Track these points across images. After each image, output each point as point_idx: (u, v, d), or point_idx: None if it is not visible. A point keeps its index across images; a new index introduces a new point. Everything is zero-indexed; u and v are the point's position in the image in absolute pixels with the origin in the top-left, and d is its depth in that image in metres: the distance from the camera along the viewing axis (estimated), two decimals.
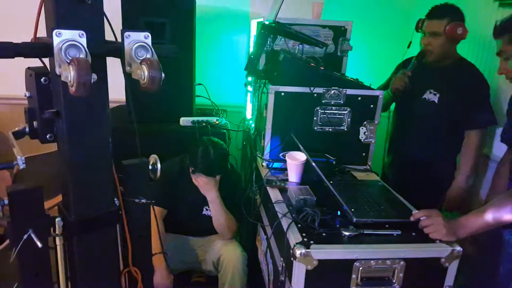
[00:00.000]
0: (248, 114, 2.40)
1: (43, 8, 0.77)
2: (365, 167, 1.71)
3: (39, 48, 0.68)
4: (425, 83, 1.89)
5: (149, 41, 0.78)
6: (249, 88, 2.15)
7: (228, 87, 2.74)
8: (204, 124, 2.09)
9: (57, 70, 0.68)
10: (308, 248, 1.05)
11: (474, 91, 1.78)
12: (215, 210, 1.75)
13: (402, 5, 2.65)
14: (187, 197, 1.82)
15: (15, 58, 0.68)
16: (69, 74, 0.63)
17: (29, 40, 0.76)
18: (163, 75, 0.75)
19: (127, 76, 0.81)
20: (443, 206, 1.92)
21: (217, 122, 2.14)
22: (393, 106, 2.14)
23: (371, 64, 2.69)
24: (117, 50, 0.77)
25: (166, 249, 1.70)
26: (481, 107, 1.78)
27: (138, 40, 0.76)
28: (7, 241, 1.70)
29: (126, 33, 0.75)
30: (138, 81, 1.97)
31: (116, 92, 1.33)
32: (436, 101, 1.85)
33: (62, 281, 1.03)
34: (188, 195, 1.81)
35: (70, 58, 0.65)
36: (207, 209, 1.83)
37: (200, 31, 2.46)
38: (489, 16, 1.91)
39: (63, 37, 0.66)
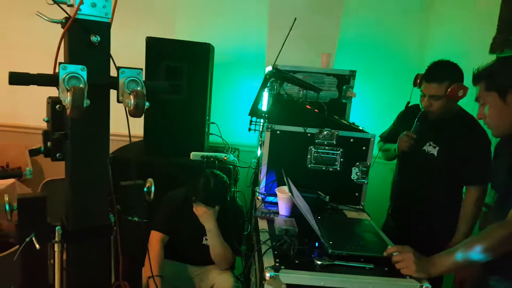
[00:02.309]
0: (259, 153, 2.53)
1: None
2: (358, 207, 1.76)
3: (49, 78, 0.86)
4: (425, 135, 1.90)
5: (140, 76, 0.95)
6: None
7: (242, 128, 2.91)
8: (212, 159, 2.24)
9: (61, 96, 0.85)
10: (277, 271, 1.13)
11: (474, 145, 1.77)
12: (212, 239, 1.84)
13: (404, 57, 2.82)
14: (189, 226, 1.93)
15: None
16: (67, 99, 0.79)
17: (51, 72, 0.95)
18: (147, 103, 0.90)
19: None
20: None
21: (225, 158, 2.28)
22: None
23: (375, 110, 2.82)
24: (114, 83, 0.94)
25: (164, 274, 1.80)
26: (481, 162, 1.75)
27: (131, 75, 0.93)
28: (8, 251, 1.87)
29: (121, 70, 0.93)
30: (157, 118, 2.17)
31: (137, 128, 1.46)
32: (436, 154, 1.85)
33: (57, 285, 1.14)
34: (190, 224, 1.92)
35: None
36: (207, 239, 1.92)
37: (219, 74, 2.70)
38: None
39: (67, 70, 0.83)
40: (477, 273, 1.46)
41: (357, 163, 1.73)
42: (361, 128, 1.85)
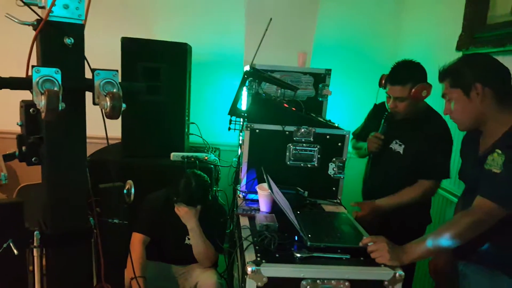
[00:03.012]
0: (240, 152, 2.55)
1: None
2: (335, 201, 1.81)
3: (22, 82, 0.86)
4: (392, 134, 1.94)
5: (116, 78, 0.96)
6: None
7: (222, 127, 2.92)
8: (193, 159, 2.25)
9: (35, 100, 0.85)
10: (258, 266, 1.16)
11: (435, 142, 1.81)
12: (195, 239, 1.85)
13: (378, 56, 2.90)
14: (171, 226, 1.94)
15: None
16: (41, 102, 0.80)
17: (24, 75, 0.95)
18: (123, 105, 0.91)
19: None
20: None
21: (206, 158, 2.29)
22: None
23: (350, 108, 2.90)
24: (90, 85, 0.95)
25: (147, 275, 1.81)
26: (438, 158, 1.80)
27: (106, 77, 0.94)
28: None
29: (96, 71, 0.93)
30: (135, 119, 2.16)
31: (114, 130, 1.44)
32: (401, 151, 1.90)
33: None
34: (172, 224, 1.93)
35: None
36: (189, 239, 1.93)
37: (198, 74, 2.71)
38: None
39: (41, 73, 0.84)
40: (449, 260, 1.53)
41: (334, 159, 1.78)
42: (336, 125, 1.90)
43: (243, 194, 1.78)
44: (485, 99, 1.31)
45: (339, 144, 1.76)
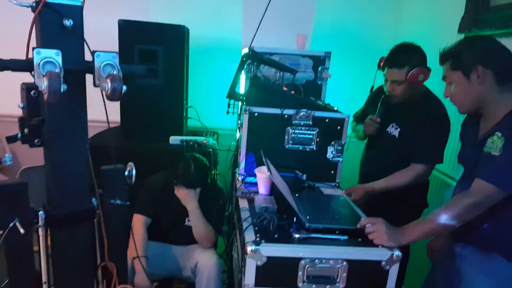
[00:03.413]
0: (238, 135, 2.56)
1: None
2: (334, 184, 1.83)
3: (23, 63, 0.86)
4: (389, 117, 1.94)
5: (116, 60, 0.95)
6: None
7: (221, 111, 2.92)
8: (191, 143, 2.26)
9: (37, 82, 0.85)
10: (258, 245, 1.18)
11: (429, 126, 1.79)
12: (194, 220, 1.88)
13: (378, 38, 2.88)
14: (171, 208, 1.96)
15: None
16: (43, 84, 0.80)
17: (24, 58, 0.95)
18: (124, 87, 0.91)
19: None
20: None
21: (204, 142, 2.30)
22: None
23: (350, 91, 2.89)
24: (90, 67, 0.95)
25: (148, 255, 1.84)
26: (431, 142, 1.80)
27: (106, 59, 0.94)
28: None
29: (97, 53, 0.93)
30: (133, 103, 2.14)
31: (112, 114, 1.44)
32: (397, 135, 1.90)
33: (44, 270, 1.16)
34: (172, 206, 1.95)
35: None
36: (189, 220, 1.96)
37: (195, 58, 2.69)
38: None
39: (41, 55, 0.84)
40: (446, 242, 1.56)
41: (333, 142, 1.79)
42: (335, 108, 1.90)
43: (242, 177, 1.80)
44: (485, 82, 1.31)
45: (338, 127, 1.77)
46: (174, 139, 2.26)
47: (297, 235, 1.26)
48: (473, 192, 1.27)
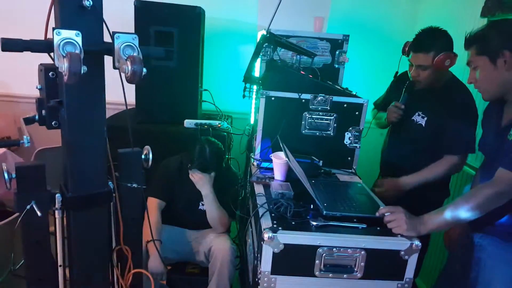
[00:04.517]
0: (252, 120, 2.54)
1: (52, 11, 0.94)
2: (350, 170, 1.80)
3: (43, 44, 0.84)
4: (414, 105, 1.89)
5: (136, 42, 0.93)
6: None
7: (235, 95, 2.89)
8: (206, 126, 2.24)
9: (56, 63, 0.84)
10: (275, 232, 1.17)
11: (459, 115, 1.75)
12: (209, 204, 1.88)
13: (397, 22, 2.78)
14: (185, 192, 1.96)
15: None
16: (63, 65, 0.78)
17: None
18: (144, 70, 0.89)
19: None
20: None
21: (219, 126, 2.28)
22: None
23: (368, 76, 2.82)
24: (109, 49, 0.92)
25: (162, 239, 1.85)
26: (461, 132, 1.75)
27: (126, 41, 0.92)
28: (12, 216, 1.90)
29: (116, 35, 0.91)
30: (149, 86, 2.11)
31: (129, 96, 1.43)
32: (424, 124, 1.85)
33: (60, 252, 1.17)
34: (186, 190, 1.95)
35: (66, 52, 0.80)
36: (203, 204, 1.96)
37: (210, 41, 2.65)
38: None
39: (62, 35, 0.82)
40: (464, 232, 1.54)
41: (350, 128, 1.76)
42: (354, 93, 1.86)
43: (258, 162, 1.78)
44: None
45: (357, 113, 1.74)
46: (188, 123, 2.24)
47: (314, 223, 1.25)
48: (496, 181, 1.24)
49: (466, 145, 1.77)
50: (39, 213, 1.04)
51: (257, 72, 2.19)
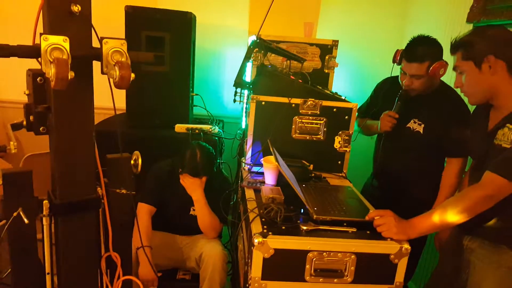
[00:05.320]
0: (244, 124, 2.54)
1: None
2: (341, 174, 1.81)
3: (30, 49, 0.83)
4: (408, 112, 1.89)
5: (124, 47, 0.93)
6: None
7: (226, 99, 2.91)
8: (197, 131, 2.24)
9: (44, 68, 0.83)
10: (265, 237, 1.17)
11: (456, 118, 1.77)
12: (200, 209, 1.87)
13: (385, 27, 2.82)
14: (176, 197, 1.95)
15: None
16: (50, 71, 0.78)
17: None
18: (132, 75, 0.89)
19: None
20: None
21: (210, 130, 2.28)
22: None
23: (357, 80, 2.85)
24: (97, 54, 0.92)
25: (153, 245, 1.84)
26: (462, 135, 1.72)
27: (115, 46, 0.91)
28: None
29: (105, 40, 0.91)
30: (140, 91, 2.10)
31: (117, 101, 1.43)
32: (421, 131, 1.85)
33: (48, 259, 1.15)
34: (177, 195, 1.94)
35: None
36: (194, 209, 1.95)
37: (201, 45, 2.65)
38: None
39: (49, 41, 0.81)
40: (454, 234, 1.55)
41: (340, 132, 1.77)
42: (343, 98, 1.87)
43: (249, 166, 1.78)
44: (497, 72, 1.29)
45: (346, 117, 1.75)
46: (179, 127, 2.24)
47: (305, 227, 1.25)
48: (484, 184, 1.26)
49: (467, 147, 1.74)
50: (26, 220, 1.03)
51: (248, 77, 2.19)
